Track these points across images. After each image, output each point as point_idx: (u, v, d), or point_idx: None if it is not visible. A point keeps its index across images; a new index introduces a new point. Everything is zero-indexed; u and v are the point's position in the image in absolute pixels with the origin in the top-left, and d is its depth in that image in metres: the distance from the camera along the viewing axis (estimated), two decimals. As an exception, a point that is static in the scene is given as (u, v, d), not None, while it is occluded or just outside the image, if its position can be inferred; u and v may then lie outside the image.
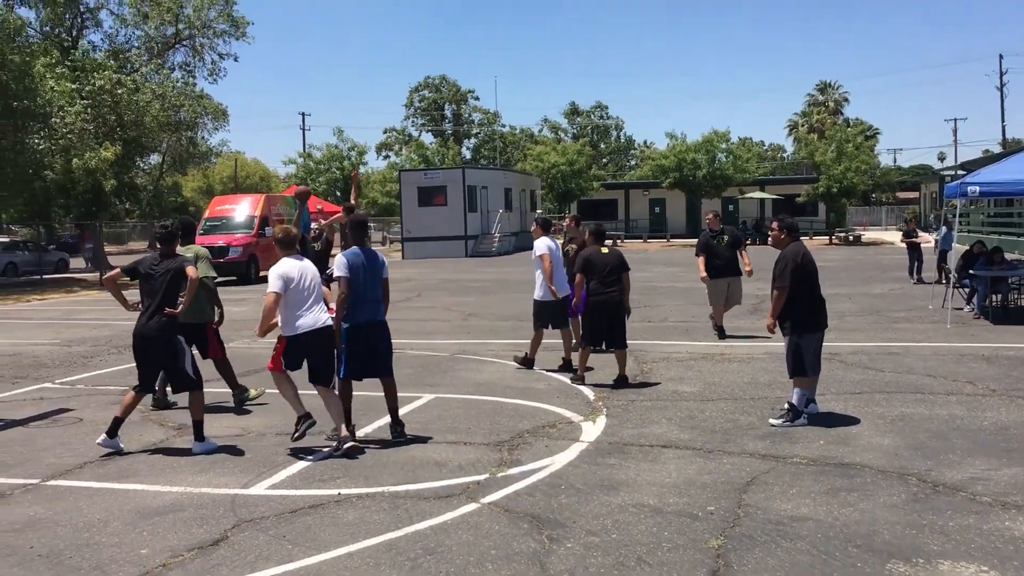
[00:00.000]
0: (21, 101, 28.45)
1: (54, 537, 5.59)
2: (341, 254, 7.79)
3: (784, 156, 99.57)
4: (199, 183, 74.50)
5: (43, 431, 8.52)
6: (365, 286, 7.69)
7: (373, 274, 7.77)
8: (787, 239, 8.25)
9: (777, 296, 8.00)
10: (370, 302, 7.73)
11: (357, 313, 7.64)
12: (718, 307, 13.44)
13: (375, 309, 7.79)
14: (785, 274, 7.94)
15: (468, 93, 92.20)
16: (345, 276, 7.58)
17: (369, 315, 7.71)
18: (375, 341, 7.78)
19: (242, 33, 44.39)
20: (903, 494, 6.00)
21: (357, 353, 7.68)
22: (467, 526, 5.56)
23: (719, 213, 14.58)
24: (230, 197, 35.23)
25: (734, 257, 13.35)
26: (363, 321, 7.66)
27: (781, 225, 8.35)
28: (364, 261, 7.73)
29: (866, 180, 48.42)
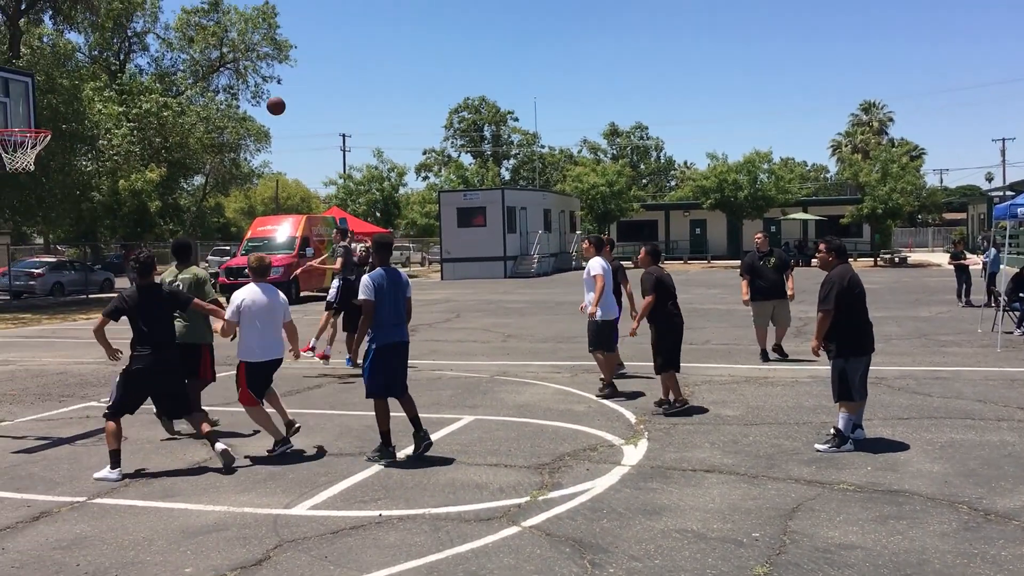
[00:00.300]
0: (70, 124, 29.12)
1: (100, 555, 5.64)
2: (367, 276, 7.85)
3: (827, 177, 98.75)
4: (241, 204, 75.60)
5: (89, 449, 8.63)
6: (390, 308, 7.78)
7: (397, 295, 7.85)
8: (834, 261, 8.14)
9: (821, 319, 7.89)
10: (395, 324, 7.84)
11: (383, 335, 7.75)
12: (761, 329, 13.30)
13: (400, 331, 7.91)
14: (830, 297, 7.83)
15: (507, 114, 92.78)
16: (370, 299, 7.67)
17: (395, 336, 7.83)
18: (397, 362, 7.91)
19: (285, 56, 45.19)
20: (954, 522, 5.86)
21: (380, 374, 7.79)
22: (508, 549, 5.52)
23: (767, 234, 14.36)
24: (272, 218, 35.64)
25: (780, 280, 13.17)
26: (390, 343, 7.78)
27: (829, 247, 8.23)
28: (389, 282, 7.80)
29: (912, 201, 47.80)
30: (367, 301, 7.68)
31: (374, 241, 8.23)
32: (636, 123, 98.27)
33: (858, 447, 7.87)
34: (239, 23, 44.07)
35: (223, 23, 44.05)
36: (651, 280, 9.60)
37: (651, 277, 9.64)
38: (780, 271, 13.18)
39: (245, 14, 44.10)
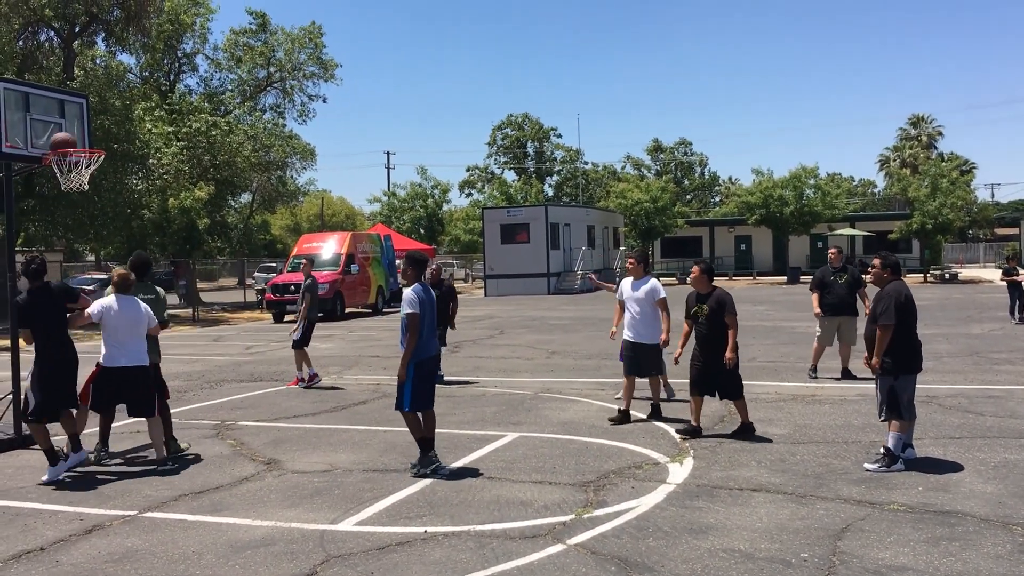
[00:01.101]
0: (122, 144, 29.74)
1: (150, 568, 5.73)
2: (410, 289, 7.90)
3: (875, 192, 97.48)
4: (287, 221, 76.55)
5: (140, 464, 8.77)
6: (429, 322, 7.97)
7: (432, 309, 8.07)
8: (889, 277, 8.07)
9: (882, 334, 7.76)
10: (431, 338, 8.06)
11: (424, 349, 7.93)
12: (820, 346, 13.09)
13: (436, 343, 8.22)
14: (889, 311, 7.73)
15: (551, 131, 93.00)
16: (416, 312, 7.80)
17: (434, 350, 8.14)
18: (434, 375, 8.25)
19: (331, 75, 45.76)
20: (1008, 544, 5.73)
21: (421, 387, 7.92)
22: (554, 567, 5.51)
23: (842, 249, 14.02)
24: (317, 235, 36.04)
25: (851, 297, 12.92)
26: (428, 357, 8.02)
27: (884, 263, 8.15)
28: (426, 297, 7.98)
29: (962, 216, 46.98)
30: (413, 315, 7.77)
31: (409, 257, 8.30)
32: (680, 139, 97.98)
33: (909, 467, 7.74)
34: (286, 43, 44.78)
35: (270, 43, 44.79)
36: (730, 301, 9.20)
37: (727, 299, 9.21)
38: (852, 288, 12.91)
39: (292, 34, 44.81)
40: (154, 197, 33.26)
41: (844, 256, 13.61)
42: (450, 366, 15.89)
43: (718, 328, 9.12)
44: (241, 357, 18.56)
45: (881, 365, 7.84)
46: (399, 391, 7.93)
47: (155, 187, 32.82)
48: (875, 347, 7.83)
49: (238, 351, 19.90)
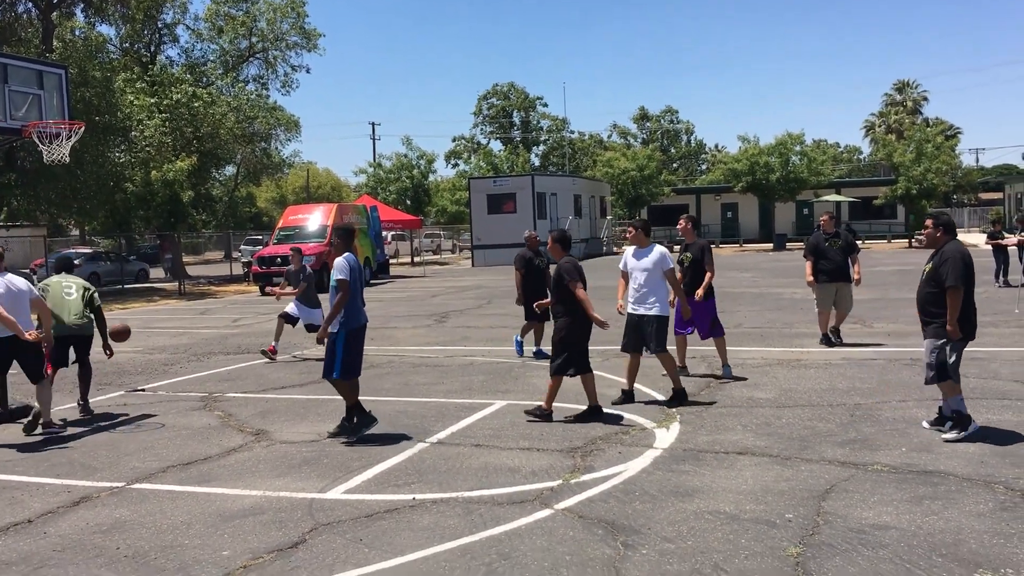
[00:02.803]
0: (103, 116, 29.44)
1: (139, 539, 5.74)
2: (343, 258, 8.15)
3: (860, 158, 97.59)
4: (272, 194, 76.17)
5: (127, 436, 8.77)
6: (358, 291, 8.24)
7: (363, 279, 8.38)
8: (943, 237, 7.70)
9: (952, 299, 7.41)
10: (361, 307, 8.30)
11: (354, 318, 8.15)
12: (823, 313, 12.84)
13: (364, 313, 8.40)
14: (957, 273, 7.37)
15: (536, 100, 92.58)
16: (346, 279, 8.00)
17: (363, 319, 8.32)
18: (362, 343, 8.37)
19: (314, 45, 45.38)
20: (990, 502, 5.81)
21: (352, 355, 8.16)
22: (541, 531, 5.55)
23: (834, 214, 13.74)
24: (303, 207, 35.87)
25: (845, 263, 12.65)
26: (359, 325, 8.22)
27: (937, 222, 7.80)
28: (357, 267, 8.20)
29: (947, 181, 47.16)
30: (344, 281, 7.99)
31: (340, 228, 8.63)
32: (666, 107, 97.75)
33: (891, 428, 7.81)
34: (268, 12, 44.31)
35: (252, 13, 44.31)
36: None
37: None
38: (846, 253, 12.61)
39: (274, 3, 44.32)
40: (137, 170, 32.97)
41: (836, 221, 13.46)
42: (439, 336, 15.92)
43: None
44: (228, 330, 18.52)
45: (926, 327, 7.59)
46: (327, 357, 8.16)
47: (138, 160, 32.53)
48: (948, 313, 7.44)
49: (225, 324, 19.86)
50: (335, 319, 8.05)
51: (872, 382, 10.04)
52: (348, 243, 8.38)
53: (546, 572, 4.92)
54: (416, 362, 12.86)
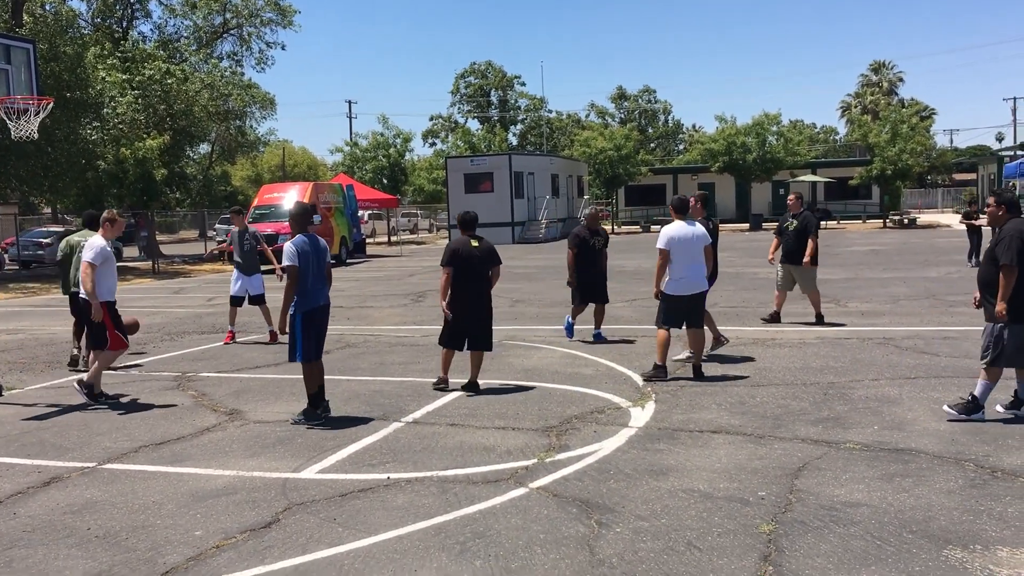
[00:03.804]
0: (74, 92, 28.99)
1: (110, 519, 5.69)
2: (290, 242, 8.04)
3: (836, 138, 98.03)
4: (247, 172, 75.41)
5: (99, 416, 8.69)
6: (313, 273, 8.04)
7: (319, 260, 8.12)
8: (1005, 216, 7.44)
9: (1005, 278, 7.12)
10: (319, 290, 8.12)
11: (309, 300, 8.01)
12: (778, 293, 13.09)
13: (323, 294, 8.18)
14: (1012, 252, 7.08)
15: (514, 79, 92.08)
16: (294, 264, 7.90)
17: (320, 300, 8.11)
18: (323, 325, 8.19)
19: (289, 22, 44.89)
20: (960, 480, 5.87)
21: (311, 338, 8.04)
22: (516, 510, 5.55)
23: (801, 196, 13.67)
24: (278, 185, 35.57)
25: (797, 246, 12.62)
26: (316, 307, 8.06)
27: (999, 199, 7.56)
28: (311, 248, 8.04)
29: (921, 162, 47.44)
30: (292, 267, 7.91)
31: (294, 208, 8.42)
32: (644, 86, 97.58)
33: (863, 406, 7.88)
34: (242, -12, 43.78)
35: (226, -12, 43.74)
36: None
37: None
38: (799, 236, 12.59)
39: (248, -21, 43.80)
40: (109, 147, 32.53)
41: (805, 203, 13.49)
42: (415, 315, 15.87)
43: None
44: (202, 309, 18.38)
45: (986, 305, 7.39)
46: (289, 341, 8.08)
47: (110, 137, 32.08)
48: (999, 292, 7.17)
49: (199, 303, 19.71)
50: (289, 305, 7.97)
51: (845, 361, 10.11)
52: (301, 225, 8.24)
53: (520, 550, 4.92)
54: (392, 342, 12.81)
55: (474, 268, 8.90)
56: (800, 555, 4.73)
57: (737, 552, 4.80)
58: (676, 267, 9.30)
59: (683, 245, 9.29)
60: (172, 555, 5.06)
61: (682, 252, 9.29)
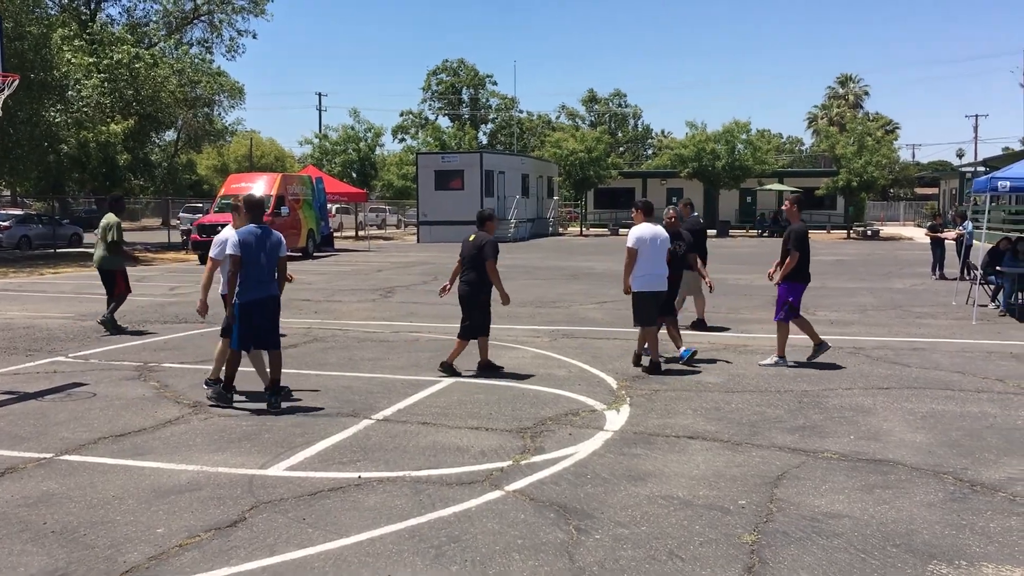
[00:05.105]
0: (38, 73, 28.34)
1: (67, 513, 5.45)
2: (234, 232, 8.07)
3: (802, 149, 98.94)
4: (214, 161, 74.41)
5: (57, 405, 8.40)
6: (258, 265, 7.99)
7: (269, 253, 8.05)
8: None
9: None
10: (261, 281, 8.04)
11: (245, 291, 7.97)
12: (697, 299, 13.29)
13: (265, 287, 8.08)
14: None
15: (486, 78, 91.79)
16: (236, 254, 7.91)
17: (258, 293, 8.03)
18: (260, 318, 8.09)
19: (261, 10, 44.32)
20: (940, 493, 5.81)
21: (245, 328, 8.03)
22: (492, 514, 5.40)
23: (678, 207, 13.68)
24: (246, 175, 35.06)
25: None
26: (252, 299, 7.99)
27: None
28: (256, 240, 7.98)
29: (886, 175, 47.93)
30: (233, 256, 7.92)
31: (245, 200, 8.41)
32: (615, 90, 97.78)
33: (839, 416, 7.83)
34: (214, -26, 43.13)
35: (198, -26, 43.08)
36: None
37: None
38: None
39: (220, -35, 43.15)
40: (73, 131, 31.84)
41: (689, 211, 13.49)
42: (384, 311, 15.66)
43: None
44: (165, 298, 18.01)
45: None
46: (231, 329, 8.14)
47: (73, 120, 31.40)
48: None
49: (162, 292, 19.32)
50: (231, 293, 8.03)
51: (818, 369, 10.08)
52: (253, 216, 8.17)
53: (498, 556, 4.77)
54: (361, 337, 12.60)
55: (465, 259, 9.70)
56: (784, 567, 4.63)
57: (720, 563, 4.69)
58: (642, 265, 9.77)
59: (650, 245, 9.79)
60: (133, 553, 4.84)
61: (649, 252, 9.78)
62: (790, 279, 10.26)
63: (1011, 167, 15.27)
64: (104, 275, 13.35)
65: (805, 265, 10.26)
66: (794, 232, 10.33)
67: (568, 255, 31.43)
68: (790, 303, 10.29)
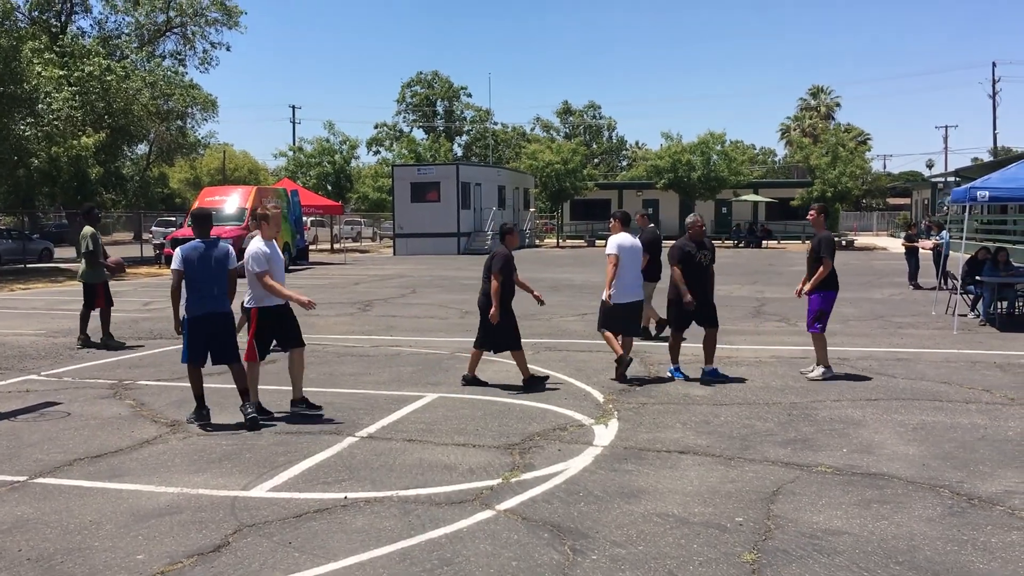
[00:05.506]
0: (7, 86, 27.92)
1: (43, 540, 5.24)
2: (179, 248, 8.00)
3: (775, 160, 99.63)
4: (186, 174, 73.76)
5: (29, 425, 8.15)
6: (204, 279, 7.90)
7: (215, 267, 7.94)
8: None
9: None
10: (207, 296, 7.92)
11: (192, 306, 7.90)
12: None
13: (212, 302, 7.96)
14: None
15: (461, 90, 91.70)
16: (178, 269, 7.90)
17: (205, 308, 7.93)
18: (209, 333, 7.99)
19: (235, 22, 43.99)
20: (938, 507, 5.72)
21: (197, 343, 7.98)
22: (484, 535, 5.24)
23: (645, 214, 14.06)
24: (220, 188, 34.69)
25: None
26: (199, 314, 7.92)
27: None
28: (201, 255, 7.92)
29: (859, 185, 48.33)
30: (174, 271, 7.93)
31: (192, 214, 8.42)
32: (589, 102, 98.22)
33: (829, 428, 7.74)
34: (187, -14, 42.72)
35: (170, -14, 42.65)
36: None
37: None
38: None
39: (193, -23, 42.75)
40: (43, 144, 31.36)
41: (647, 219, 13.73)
42: (363, 325, 15.45)
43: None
44: (139, 314, 17.70)
45: None
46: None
47: (43, 134, 30.93)
48: None
49: (135, 307, 18.98)
50: (176, 308, 8.02)
51: (804, 381, 10.02)
52: (199, 230, 8.10)
53: (492, 579, 4.62)
54: (341, 351, 12.40)
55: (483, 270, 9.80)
56: (787, 587, 4.51)
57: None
58: (623, 277, 9.93)
59: (629, 254, 10.02)
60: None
61: (628, 261, 9.99)
62: (822, 288, 10.17)
63: (989, 177, 15.35)
64: (86, 289, 13.28)
65: (835, 272, 10.21)
66: (825, 240, 10.26)
67: (546, 267, 31.33)
68: (823, 312, 10.20)
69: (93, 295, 13.26)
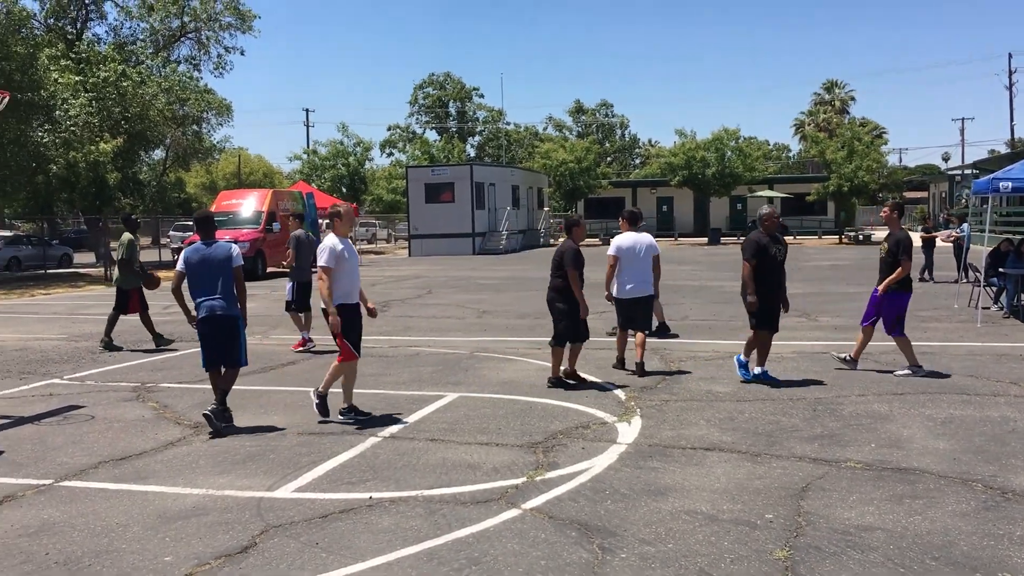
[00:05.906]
0: (25, 93, 28.08)
1: (70, 543, 5.24)
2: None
3: (789, 156, 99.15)
4: (202, 179, 74.07)
5: (54, 429, 8.17)
6: (203, 280, 7.90)
7: (216, 268, 7.90)
8: None
9: None
10: (211, 297, 7.90)
11: (198, 308, 7.96)
12: None
13: (216, 303, 7.91)
14: None
15: (473, 90, 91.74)
16: (179, 270, 8.09)
17: (208, 310, 7.91)
18: (210, 335, 7.97)
19: (248, 27, 44.15)
20: (972, 502, 5.64)
21: (205, 345, 8.01)
22: (511, 533, 5.20)
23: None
24: (237, 192, 34.78)
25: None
26: (202, 316, 7.94)
27: None
28: (202, 256, 7.92)
29: (876, 179, 48.00)
30: (176, 271, 8.13)
31: (195, 216, 8.40)
32: (602, 100, 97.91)
33: (856, 423, 7.66)
34: (200, -9, 42.92)
35: (184, -9, 42.86)
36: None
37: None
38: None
39: (207, -18, 42.94)
40: (61, 151, 31.56)
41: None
42: (380, 325, 15.44)
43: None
44: (159, 317, 17.70)
45: None
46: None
47: (61, 140, 31.12)
48: None
49: (155, 311, 18.97)
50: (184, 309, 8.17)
51: (827, 376, 9.94)
52: (202, 232, 8.08)
53: (522, 578, 4.57)
54: (360, 352, 12.35)
55: (552, 266, 9.68)
56: (822, 583, 4.45)
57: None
58: (623, 274, 10.21)
59: (631, 253, 10.23)
60: (141, 584, 4.63)
61: (629, 260, 10.22)
62: (897, 289, 9.99)
63: (1011, 168, 15.19)
64: (119, 294, 13.63)
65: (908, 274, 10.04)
66: (903, 240, 9.90)
67: (562, 266, 31.23)
68: (900, 316, 10.08)
69: (126, 299, 13.55)
